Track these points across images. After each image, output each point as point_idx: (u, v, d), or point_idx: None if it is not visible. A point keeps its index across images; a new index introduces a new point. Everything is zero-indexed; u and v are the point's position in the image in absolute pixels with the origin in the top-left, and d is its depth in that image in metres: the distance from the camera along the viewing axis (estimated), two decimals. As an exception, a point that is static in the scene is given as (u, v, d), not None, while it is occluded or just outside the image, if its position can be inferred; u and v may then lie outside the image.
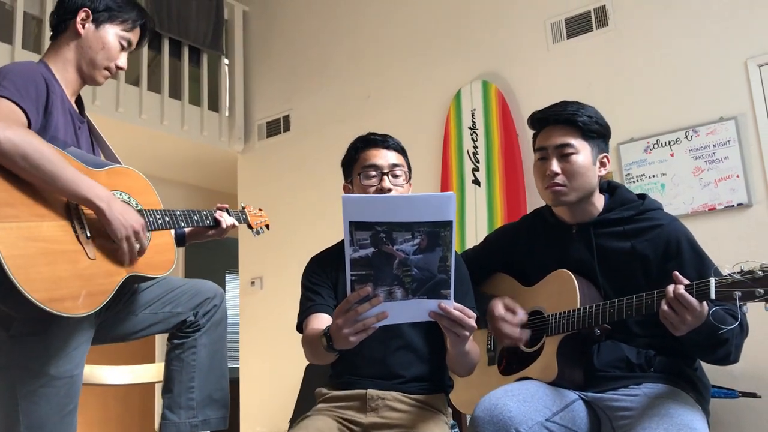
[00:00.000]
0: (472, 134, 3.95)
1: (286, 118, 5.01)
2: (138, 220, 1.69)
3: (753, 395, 2.76)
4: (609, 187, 1.92)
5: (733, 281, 1.45)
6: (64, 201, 1.63)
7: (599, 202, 1.87)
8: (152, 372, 2.70)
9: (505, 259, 2.03)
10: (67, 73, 1.84)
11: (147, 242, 1.74)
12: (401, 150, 1.92)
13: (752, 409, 2.90)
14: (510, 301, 1.85)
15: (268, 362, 4.68)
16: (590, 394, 1.74)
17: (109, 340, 1.91)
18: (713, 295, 1.46)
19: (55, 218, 1.59)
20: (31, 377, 1.62)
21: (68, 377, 1.66)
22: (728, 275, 1.47)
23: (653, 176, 3.38)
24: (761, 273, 1.42)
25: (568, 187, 1.80)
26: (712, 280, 1.47)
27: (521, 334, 1.81)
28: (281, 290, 4.66)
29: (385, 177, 1.84)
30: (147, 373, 2.70)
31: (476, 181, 3.87)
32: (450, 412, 1.86)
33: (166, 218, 1.87)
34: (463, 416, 2.55)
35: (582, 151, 1.81)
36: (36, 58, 1.88)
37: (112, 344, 1.98)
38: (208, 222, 2.06)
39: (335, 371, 1.86)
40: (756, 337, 1.85)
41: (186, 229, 2.12)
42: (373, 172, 1.85)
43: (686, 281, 1.52)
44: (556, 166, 1.80)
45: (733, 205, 3.15)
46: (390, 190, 1.82)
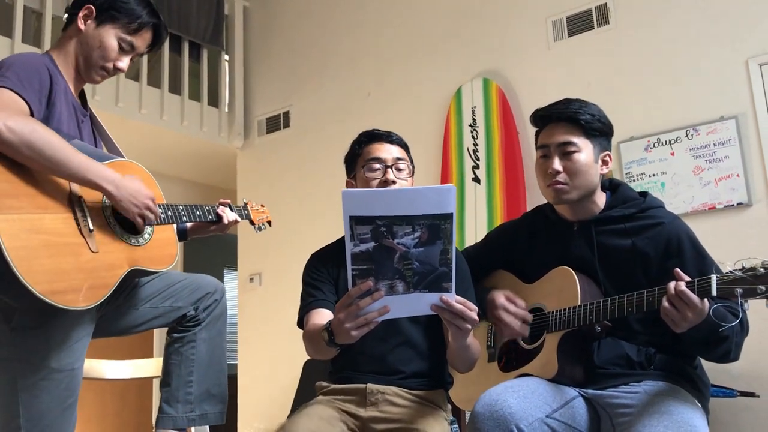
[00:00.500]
0: (472, 132, 3.95)
1: (286, 114, 5.00)
2: (147, 194, 1.72)
3: (751, 395, 2.77)
4: (611, 185, 1.92)
5: (734, 278, 1.45)
6: (67, 193, 1.63)
7: (601, 199, 1.87)
8: (151, 366, 2.69)
9: (505, 257, 2.03)
10: (69, 67, 1.84)
11: (159, 212, 1.78)
12: (404, 145, 1.93)
13: (750, 408, 2.91)
14: (511, 293, 1.85)
15: (267, 358, 4.68)
16: (590, 391, 1.74)
17: (109, 333, 1.91)
18: (714, 292, 1.46)
19: (58, 210, 1.59)
20: (31, 370, 1.62)
21: (69, 370, 1.66)
22: (730, 272, 1.47)
23: (653, 175, 3.38)
24: (763, 270, 1.42)
25: (570, 186, 1.80)
26: (714, 277, 1.47)
27: (522, 328, 1.82)
28: (280, 286, 4.66)
29: (389, 170, 1.85)
30: (146, 367, 2.69)
31: (476, 179, 3.87)
32: (449, 408, 1.87)
33: (168, 213, 1.87)
34: (462, 413, 2.55)
35: (584, 149, 1.81)
36: (36, 52, 1.87)
37: (110, 338, 1.98)
38: (210, 217, 2.07)
39: (335, 367, 1.86)
40: (755, 337, 1.85)
41: (188, 224, 2.12)
42: (377, 165, 1.86)
43: (687, 278, 1.52)
44: (558, 164, 1.80)
45: (733, 205, 3.15)
46: (394, 183, 1.83)
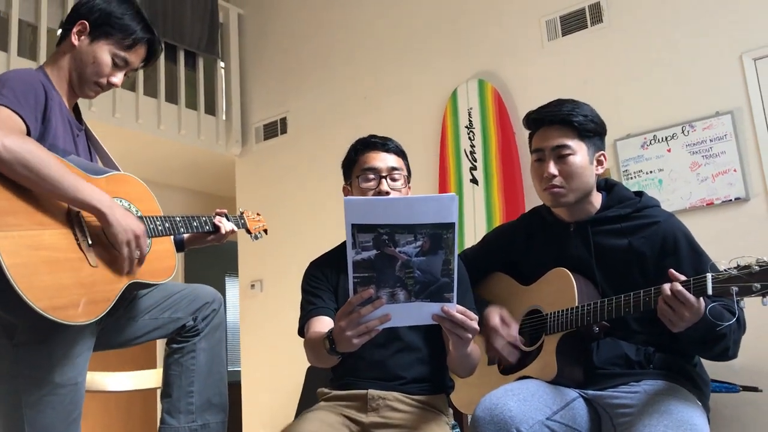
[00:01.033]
0: (469, 133, 3.96)
1: (283, 120, 5.01)
2: (139, 226, 1.69)
3: (754, 389, 2.77)
4: (606, 185, 1.92)
5: (729, 276, 1.45)
6: (65, 209, 1.63)
7: (597, 200, 1.87)
8: (154, 378, 2.69)
9: (503, 259, 2.04)
10: (62, 82, 1.84)
11: (147, 249, 1.73)
12: (401, 153, 1.92)
13: (753, 403, 2.91)
14: (507, 314, 1.86)
15: (269, 365, 4.68)
16: (590, 391, 1.74)
17: (109, 346, 1.91)
18: (710, 291, 1.47)
19: (56, 226, 1.59)
20: (35, 386, 1.62)
21: (72, 385, 1.66)
22: (725, 271, 1.47)
23: (650, 172, 3.38)
24: (758, 268, 1.42)
25: (567, 189, 1.81)
26: (709, 276, 1.48)
27: (510, 355, 1.84)
28: (281, 293, 4.67)
29: (383, 180, 1.85)
30: (148, 378, 2.70)
31: (474, 180, 3.88)
32: (451, 412, 1.87)
33: (166, 224, 1.87)
34: (464, 416, 2.56)
35: (579, 151, 1.81)
36: (31, 66, 1.88)
37: (113, 351, 1.98)
38: (207, 228, 2.07)
39: (336, 374, 1.86)
40: (756, 331, 1.85)
41: (185, 235, 2.13)
42: (372, 175, 1.86)
43: (683, 277, 1.52)
44: (553, 168, 1.80)
45: (731, 200, 3.15)
46: (388, 194, 1.83)
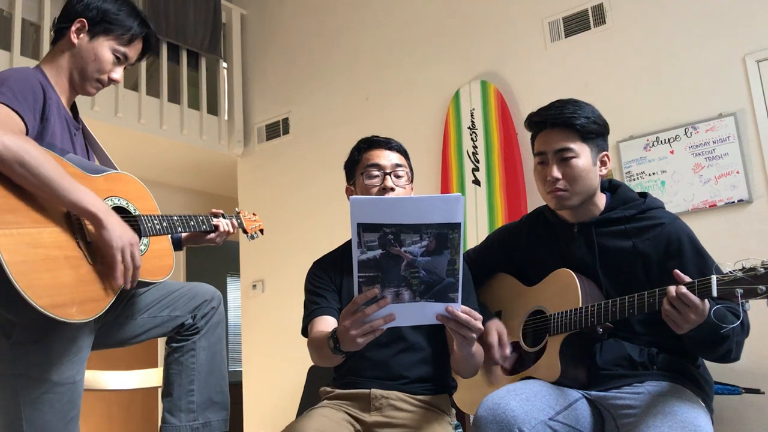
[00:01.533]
0: (471, 134, 3.95)
1: (285, 120, 5.01)
2: (133, 236, 1.66)
3: (756, 391, 2.76)
4: (610, 186, 1.92)
5: (734, 279, 1.45)
6: (65, 207, 1.62)
7: (601, 201, 1.86)
8: (155, 376, 2.69)
9: (506, 259, 2.03)
10: (61, 80, 1.84)
11: (139, 259, 1.69)
12: (404, 152, 1.94)
13: (755, 405, 2.90)
14: (504, 334, 1.86)
15: (271, 365, 4.68)
16: (593, 392, 1.74)
17: (108, 345, 1.91)
18: (715, 293, 1.46)
19: (55, 224, 1.59)
20: (33, 384, 1.62)
21: (70, 383, 1.66)
22: (729, 273, 1.46)
23: (653, 174, 3.37)
24: (763, 270, 1.42)
25: (570, 191, 1.80)
26: (714, 278, 1.47)
27: (498, 378, 1.88)
28: (283, 293, 4.67)
29: (387, 177, 1.85)
30: (150, 377, 2.70)
31: (476, 181, 3.87)
32: (454, 412, 1.86)
33: (164, 223, 1.87)
34: (466, 417, 2.55)
35: (582, 154, 1.80)
36: (34, 65, 1.88)
37: (114, 349, 1.98)
38: (204, 227, 2.07)
39: (338, 373, 1.86)
40: (758, 333, 1.84)
41: (182, 234, 2.12)
42: (376, 172, 1.86)
43: (688, 279, 1.52)
44: (556, 171, 1.80)
45: (734, 202, 3.14)
46: (392, 190, 1.83)
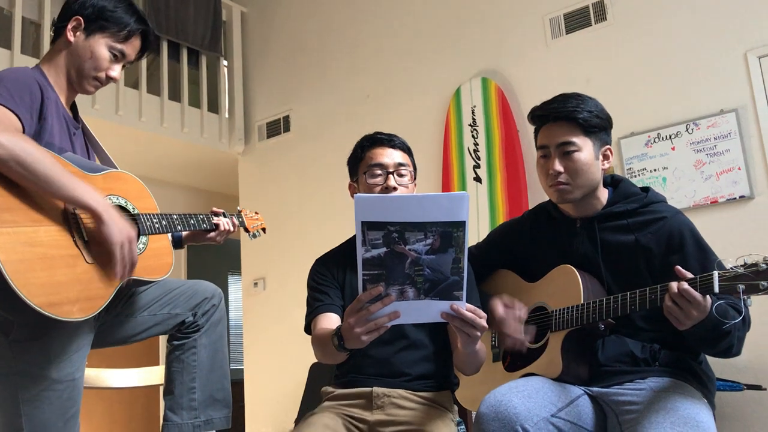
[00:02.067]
0: (472, 131, 3.95)
1: (286, 118, 5.00)
2: (131, 231, 1.66)
3: (758, 387, 2.76)
4: (612, 181, 1.91)
5: (736, 275, 1.44)
6: (62, 205, 1.62)
7: (603, 195, 1.86)
8: (156, 374, 2.69)
9: (508, 255, 2.03)
10: (60, 79, 1.83)
11: (136, 256, 1.69)
12: (407, 149, 1.93)
13: (757, 401, 2.90)
14: (508, 298, 1.83)
15: (273, 363, 4.68)
16: (595, 389, 1.73)
17: (109, 343, 1.91)
18: (717, 289, 1.46)
19: (52, 223, 1.59)
20: (32, 382, 1.61)
21: (69, 381, 1.66)
22: (731, 269, 1.46)
23: (655, 170, 3.37)
24: (764, 266, 1.41)
25: (572, 185, 1.80)
26: (716, 274, 1.47)
27: (524, 334, 1.79)
28: (284, 291, 4.67)
29: (390, 176, 1.85)
30: (151, 375, 2.70)
31: (478, 178, 3.87)
32: (456, 409, 1.86)
33: (163, 222, 1.86)
34: (469, 413, 2.55)
35: (584, 148, 1.80)
36: (35, 63, 1.87)
37: (116, 347, 1.97)
38: (204, 226, 2.06)
39: (341, 371, 1.86)
40: (760, 329, 1.84)
41: (182, 232, 2.12)
42: (379, 171, 1.85)
43: (689, 275, 1.51)
44: (558, 165, 1.80)
45: (735, 198, 3.14)
46: (395, 189, 1.83)
